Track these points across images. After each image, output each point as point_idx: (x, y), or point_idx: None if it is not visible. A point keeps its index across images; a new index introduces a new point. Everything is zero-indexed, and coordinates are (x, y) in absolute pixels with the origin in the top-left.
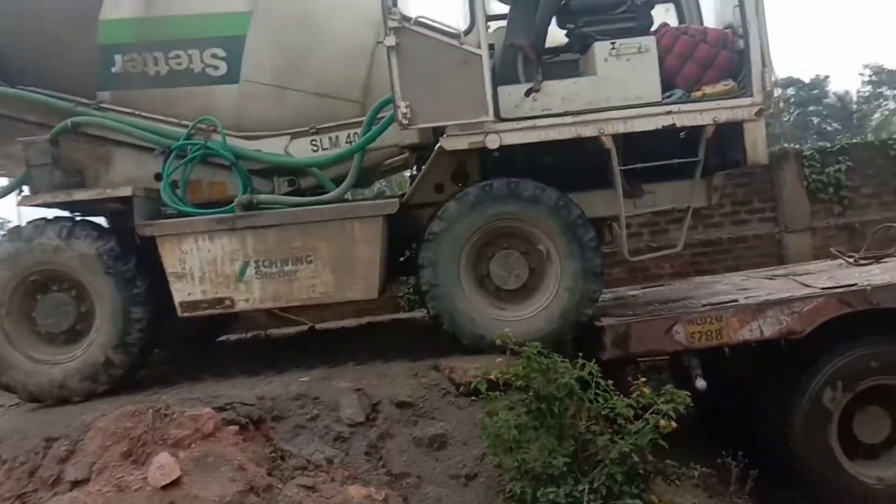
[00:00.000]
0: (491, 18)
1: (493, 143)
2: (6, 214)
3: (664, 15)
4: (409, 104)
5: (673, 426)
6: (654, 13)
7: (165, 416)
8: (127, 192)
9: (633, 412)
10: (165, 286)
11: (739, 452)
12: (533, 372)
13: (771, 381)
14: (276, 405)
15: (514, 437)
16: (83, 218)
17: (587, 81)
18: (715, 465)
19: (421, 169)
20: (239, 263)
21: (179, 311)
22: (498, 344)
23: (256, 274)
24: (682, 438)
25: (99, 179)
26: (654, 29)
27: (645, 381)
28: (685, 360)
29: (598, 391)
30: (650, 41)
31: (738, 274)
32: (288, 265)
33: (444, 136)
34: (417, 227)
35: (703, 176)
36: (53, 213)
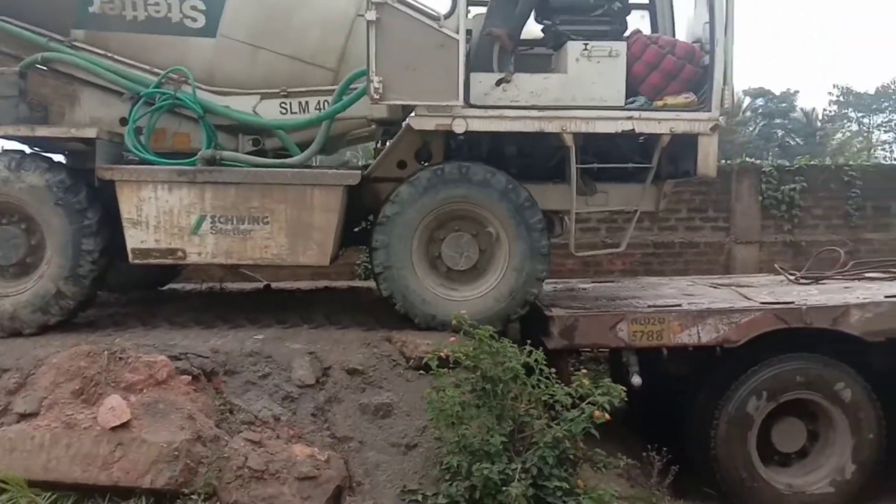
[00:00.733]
0: (472, 3)
1: (459, 127)
2: None
3: (639, 22)
4: (382, 80)
5: (607, 418)
6: (628, 19)
7: (120, 359)
8: (91, 133)
9: (570, 401)
10: (118, 228)
11: (664, 448)
12: (483, 353)
13: (702, 384)
14: (229, 359)
15: (457, 413)
16: (33, 151)
17: (557, 78)
18: (640, 457)
19: (386, 143)
20: (195, 217)
21: (131, 257)
22: (453, 324)
23: (211, 229)
24: (613, 430)
25: (63, 117)
26: (626, 34)
27: (585, 372)
28: (624, 356)
29: (540, 378)
30: (621, 46)
31: (685, 278)
32: (244, 224)
33: (412, 114)
34: (376, 199)
35: (654, 182)
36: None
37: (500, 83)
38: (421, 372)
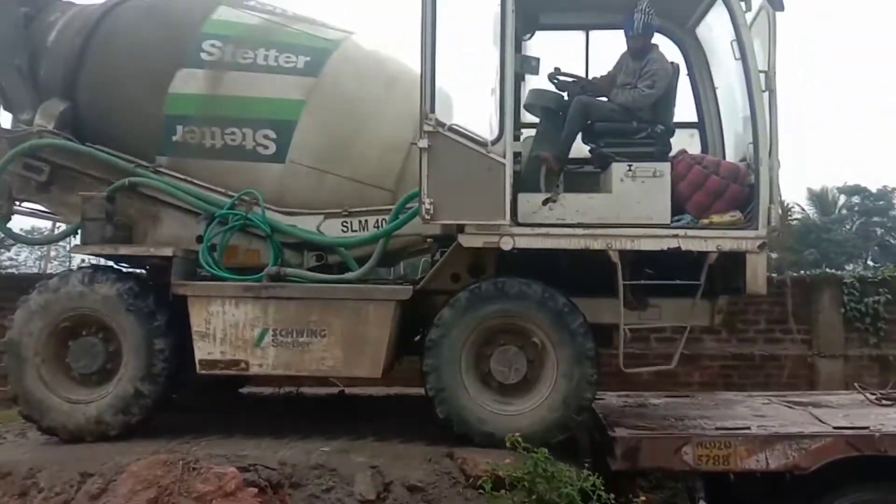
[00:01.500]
0: (524, 126)
1: (506, 244)
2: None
3: (689, 140)
4: (432, 201)
5: None
6: (675, 139)
7: (193, 469)
8: (168, 252)
9: None
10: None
11: None
12: (538, 477)
13: None
14: (295, 472)
15: None
16: (105, 264)
17: (602, 198)
18: None
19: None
20: (258, 330)
21: (198, 367)
22: (507, 445)
23: (273, 342)
24: None
25: (146, 236)
26: (672, 154)
27: (645, 500)
28: (690, 481)
29: None
30: (665, 167)
31: (761, 395)
32: (303, 336)
33: (462, 233)
34: (432, 311)
35: (708, 298)
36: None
37: (546, 202)
38: (480, 491)
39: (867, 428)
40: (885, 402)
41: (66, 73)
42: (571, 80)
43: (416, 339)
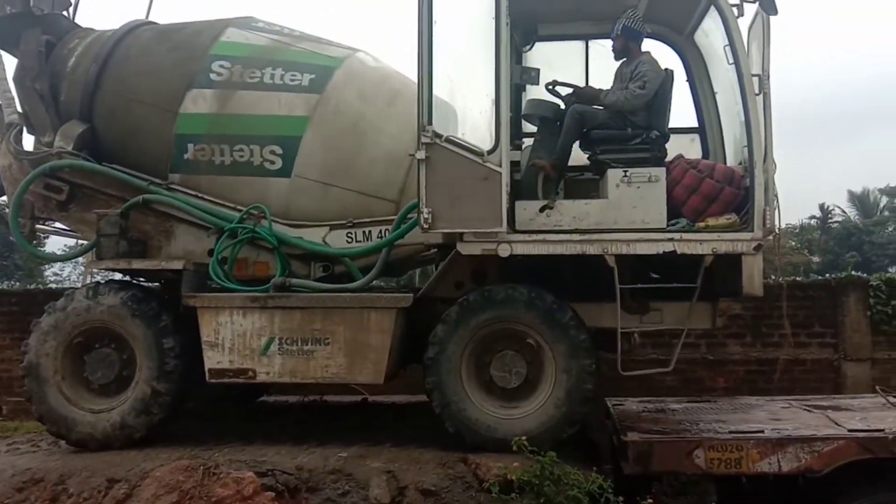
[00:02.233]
0: (525, 136)
1: (504, 251)
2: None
3: (689, 144)
4: (431, 210)
5: None
6: (676, 144)
7: (213, 474)
8: (178, 265)
9: None
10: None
11: None
12: (546, 480)
13: None
14: (312, 477)
15: None
16: (108, 278)
17: (598, 203)
18: None
19: None
20: (265, 339)
21: (208, 376)
22: (514, 449)
23: (279, 350)
24: None
25: (160, 250)
26: (668, 159)
27: (652, 502)
28: (702, 484)
29: None
30: (660, 172)
31: (782, 400)
32: (308, 345)
33: (460, 241)
34: (437, 318)
35: (709, 300)
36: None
37: (543, 209)
38: (493, 495)
39: (882, 430)
40: None
41: (83, 96)
42: (568, 89)
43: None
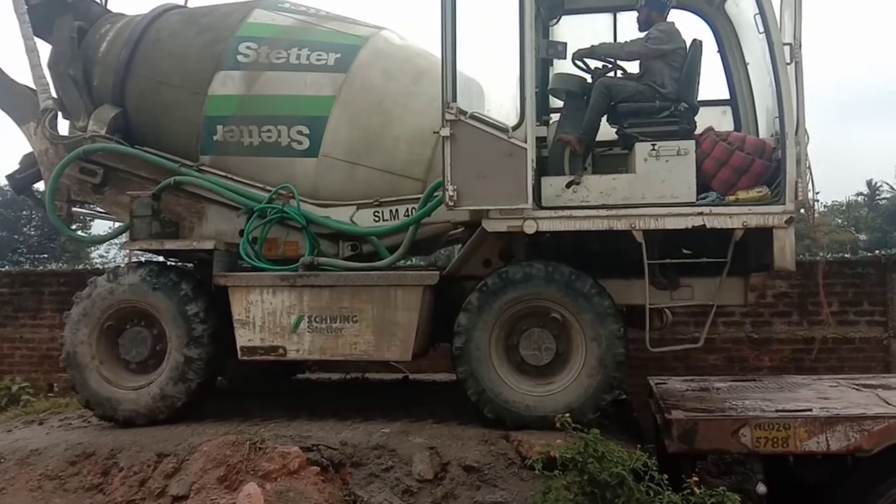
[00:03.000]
0: (553, 111)
1: (530, 228)
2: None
3: (721, 117)
4: (456, 188)
5: None
6: (708, 117)
7: (260, 449)
8: (209, 245)
9: None
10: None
11: None
12: (589, 457)
13: (836, 495)
14: (356, 452)
15: None
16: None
17: (626, 178)
18: None
19: None
20: (295, 317)
21: (240, 354)
22: (556, 426)
23: (308, 328)
24: None
25: (193, 231)
26: (698, 132)
27: (697, 479)
28: (748, 462)
29: (650, 484)
30: (689, 145)
31: (829, 378)
32: (336, 322)
33: (485, 217)
34: (465, 296)
35: (741, 275)
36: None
37: (569, 185)
38: (536, 471)
39: None
40: None
41: (115, 80)
42: (597, 62)
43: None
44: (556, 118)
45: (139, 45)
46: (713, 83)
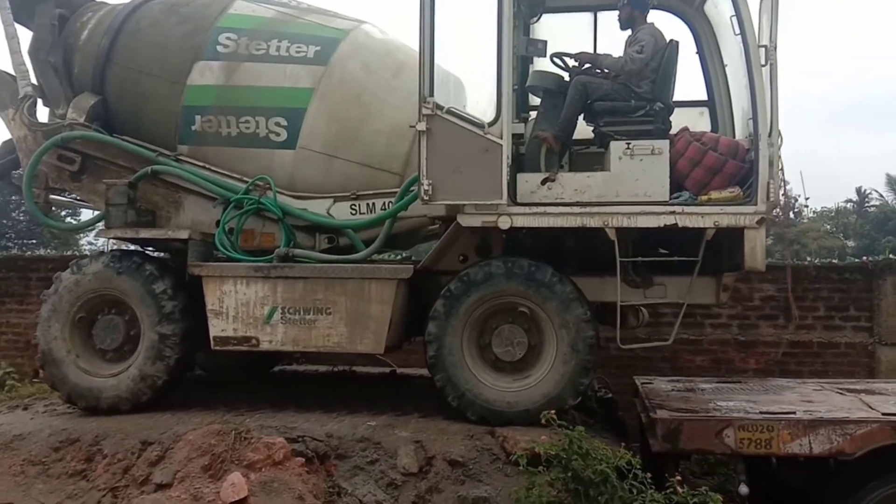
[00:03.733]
0: (532, 109)
1: (504, 223)
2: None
3: (698, 118)
4: (431, 182)
5: None
6: (685, 117)
7: (245, 439)
8: (184, 234)
9: None
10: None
11: None
12: (574, 454)
13: (817, 498)
14: (341, 444)
15: None
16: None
17: (600, 176)
18: None
19: None
20: (268, 308)
21: (213, 343)
22: (542, 423)
23: (282, 319)
24: None
25: (170, 221)
26: (673, 132)
27: (680, 479)
28: (731, 463)
29: (633, 482)
30: (664, 144)
31: (814, 382)
32: (310, 314)
33: (460, 212)
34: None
35: (713, 275)
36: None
37: (545, 182)
38: (520, 467)
39: None
40: None
41: (95, 69)
42: (573, 61)
43: None
44: (534, 115)
45: (120, 33)
46: (691, 84)
